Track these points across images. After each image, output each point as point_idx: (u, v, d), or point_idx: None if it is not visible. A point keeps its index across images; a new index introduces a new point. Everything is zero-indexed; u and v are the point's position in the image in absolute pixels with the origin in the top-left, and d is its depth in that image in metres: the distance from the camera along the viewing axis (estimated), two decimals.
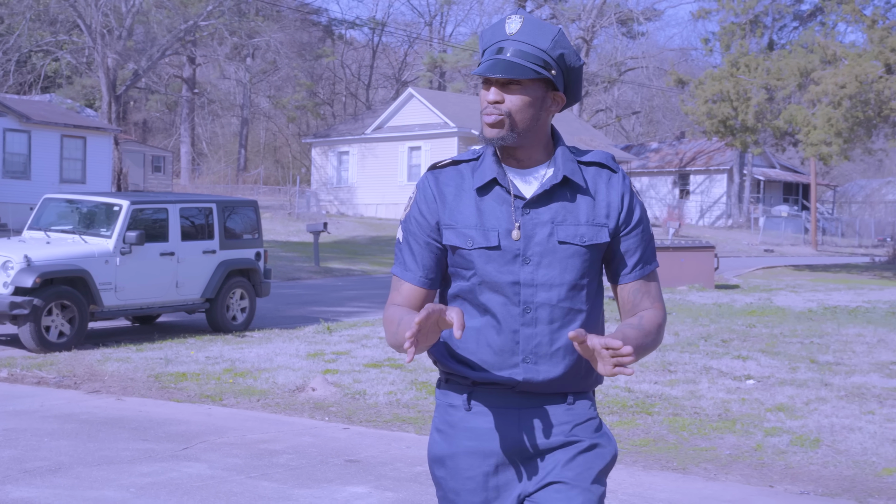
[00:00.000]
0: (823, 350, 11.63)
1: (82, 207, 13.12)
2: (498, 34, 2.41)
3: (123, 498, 5.48)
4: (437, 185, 2.46)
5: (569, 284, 2.40)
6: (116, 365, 10.19)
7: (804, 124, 24.89)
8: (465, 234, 2.40)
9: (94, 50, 43.99)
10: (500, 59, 2.37)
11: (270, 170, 66.49)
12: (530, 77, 2.36)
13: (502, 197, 2.41)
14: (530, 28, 2.39)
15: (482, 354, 2.42)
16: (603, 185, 2.46)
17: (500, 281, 2.38)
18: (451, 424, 2.47)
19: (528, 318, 2.40)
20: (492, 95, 2.38)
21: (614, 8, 57.58)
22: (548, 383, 2.42)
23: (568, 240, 2.39)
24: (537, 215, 2.39)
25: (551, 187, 2.40)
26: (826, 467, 6.67)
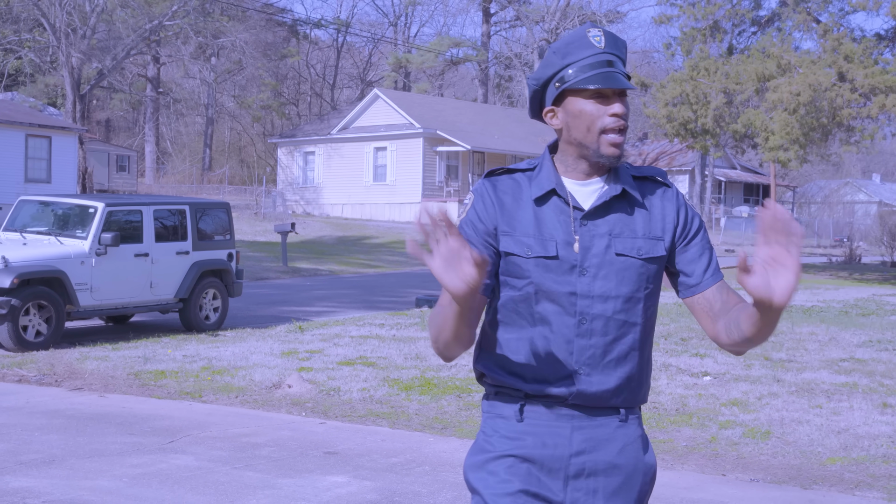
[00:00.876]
0: (777, 348, 12.13)
1: (57, 209, 13.36)
2: (587, 47, 2.39)
3: (117, 487, 5.82)
4: (496, 191, 2.45)
5: (625, 297, 2.39)
6: (96, 363, 10.48)
7: (762, 129, 25.52)
8: (522, 241, 2.39)
9: (59, 49, 43.93)
10: (615, 72, 2.37)
11: (235, 169, 66.49)
12: (634, 89, 2.42)
13: (560, 208, 2.40)
14: (613, 40, 2.42)
15: (535, 365, 2.40)
16: (658, 199, 2.46)
17: (557, 291, 2.37)
18: (501, 433, 2.44)
19: (584, 329, 2.38)
20: (618, 108, 2.38)
21: (578, 10, 58.20)
22: (600, 395, 2.40)
23: (625, 252, 2.38)
24: (595, 227, 2.39)
25: (610, 199, 2.40)
26: (775, 457, 7.12)
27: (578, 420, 2.40)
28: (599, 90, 2.35)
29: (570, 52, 2.39)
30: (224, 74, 62.56)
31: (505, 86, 69.49)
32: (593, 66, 2.35)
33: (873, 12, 25.99)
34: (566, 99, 2.40)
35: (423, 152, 44.33)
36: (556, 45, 2.42)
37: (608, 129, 2.36)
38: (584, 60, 2.36)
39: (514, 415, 2.42)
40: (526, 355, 2.40)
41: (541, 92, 2.45)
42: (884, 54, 27.21)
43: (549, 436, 2.40)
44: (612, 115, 2.35)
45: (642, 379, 2.46)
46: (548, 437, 2.40)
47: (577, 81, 2.35)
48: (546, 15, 58.19)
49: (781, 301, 2.08)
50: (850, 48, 24.72)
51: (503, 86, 69.57)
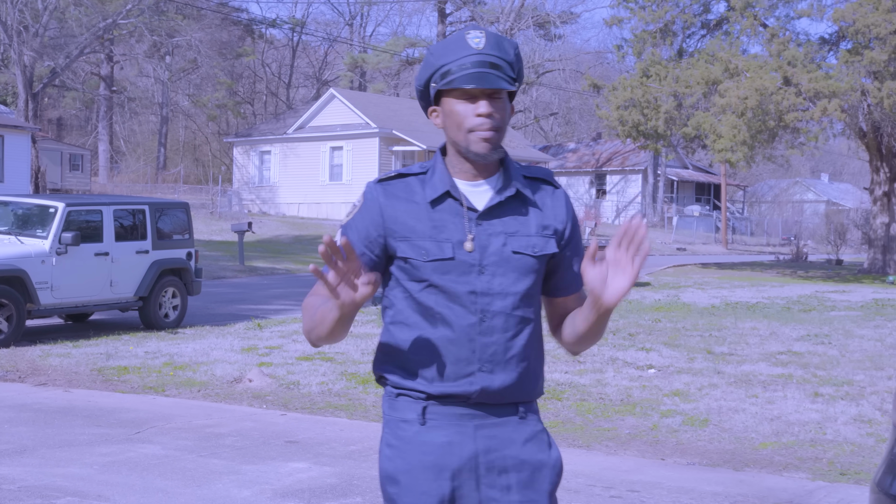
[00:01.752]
0: (720, 342, 12.63)
1: (17, 209, 13.54)
2: (463, 49, 2.41)
3: (89, 474, 6.11)
4: (386, 196, 2.46)
5: (521, 293, 2.44)
6: (58, 360, 10.71)
7: (711, 131, 26.14)
8: (419, 245, 2.41)
9: (10, 47, 43.65)
10: (486, 72, 2.39)
11: (190, 168, 66.30)
12: (510, 89, 2.42)
13: (455, 209, 2.43)
14: (496, 41, 2.43)
15: (438, 366, 2.42)
16: (548, 199, 2.52)
17: (457, 291, 2.41)
18: (405, 440, 2.44)
19: (485, 326, 2.41)
20: (484, 108, 2.38)
21: (532, 11, 58.76)
22: (503, 392, 2.43)
23: (521, 250, 2.44)
24: (490, 226, 2.43)
25: (505, 199, 2.46)
26: (711, 443, 7.56)
27: (481, 419, 2.43)
28: (469, 90, 2.38)
29: (446, 53, 2.42)
30: (179, 73, 62.37)
31: None
32: (463, 67, 2.39)
33: (817, 17, 26.68)
34: (442, 99, 2.45)
35: (379, 152, 44.63)
36: (434, 46, 2.46)
37: (475, 128, 2.39)
38: (457, 61, 2.40)
39: (417, 418, 2.43)
40: (429, 356, 2.42)
41: (425, 93, 2.50)
42: (827, 59, 27.98)
43: (455, 437, 2.42)
44: (479, 115, 2.38)
45: (539, 373, 2.52)
46: (453, 438, 2.42)
47: (445, 82, 2.40)
48: (501, 15, 58.72)
49: (610, 300, 2.26)
50: (794, 53, 25.42)
51: None
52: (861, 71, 25.26)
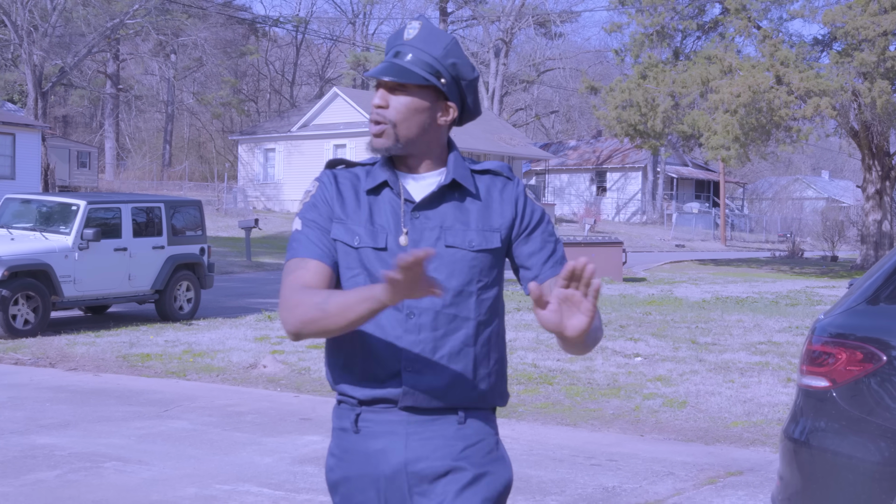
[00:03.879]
0: (705, 333, 13.37)
1: (41, 207, 14.30)
2: (397, 39, 2.38)
3: (127, 443, 6.87)
4: (336, 182, 2.42)
5: (454, 290, 2.32)
6: (84, 348, 11.47)
7: (706, 129, 26.87)
8: (353, 230, 2.35)
9: (20, 47, 44.42)
10: (390, 63, 2.34)
11: (195, 165, 67.05)
12: (417, 82, 2.31)
13: (392, 200, 2.37)
14: (425, 34, 2.35)
15: (363, 364, 2.32)
16: (497, 192, 2.42)
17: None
18: (344, 449, 2.37)
19: (412, 324, 2.30)
20: (377, 99, 2.34)
21: (532, 10, 59.44)
22: (431, 394, 2.31)
23: (456, 244, 2.34)
24: (426, 219, 2.35)
25: (440, 190, 2.37)
26: (688, 422, 8.30)
27: (414, 425, 2.32)
28: (376, 80, 2.37)
29: (388, 42, 2.42)
30: (184, 71, 63.07)
31: None
32: (385, 57, 2.39)
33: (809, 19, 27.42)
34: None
35: None
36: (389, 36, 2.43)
37: (370, 121, 2.37)
38: (388, 52, 2.40)
39: (352, 426, 2.35)
40: (357, 355, 2.34)
41: None
42: (820, 59, 28.71)
43: (388, 444, 2.32)
44: (372, 105, 2.37)
45: (482, 378, 2.37)
46: (386, 445, 2.32)
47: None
48: (502, 14, 59.40)
49: (572, 335, 2.12)
50: (786, 54, 26.15)
51: None
52: (851, 72, 25.99)
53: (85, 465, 6.29)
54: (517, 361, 10.71)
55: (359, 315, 2.16)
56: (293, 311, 2.25)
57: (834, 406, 3.56)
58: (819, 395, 3.64)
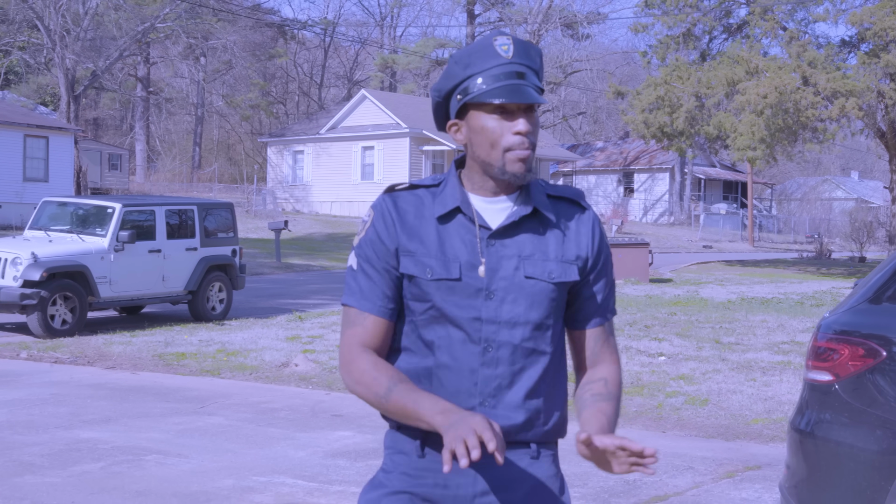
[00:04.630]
0: (729, 333, 13.53)
1: (78, 209, 14.67)
2: (492, 57, 2.21)
3: (166, 438, 7.17)
4: (396, 208, 2.28)
5: (534, 323, 2.24)
6: (121, 347, 11.80)
7: (731, 130, 26.98)
8: (423, 262, 2.23)
9: (53, 51, 45.08)
10: (521, 84, 2.19)
11: (224, 167, 67.64)
12: (544, 102, 2.24)
13: (466, 226, 2.24)
14: (524, 49, 2.24)
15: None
16: (574, 222, 2.31)
17: (460, 316, 2.21)
18: (401, 466, 2.28)
19: (489, 357, 2.22)
20: (523, 125, 2.19)
21: (559, 12, 59.61)
22: (507, 430, 2.22)
23: (535, 275, 2.24)
24: (503, 247, 2.24)
25: (520, 219, 2.25)
26: (709, 419, 8.50)
27: (485, 458, 2.22)
28: (503, 105, 2.20)
29: (473, 61, 2.22)
30: (213, 74, 63.66)
31: None
32: (497, 78, 2.20)
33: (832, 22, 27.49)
34: (468, 113, 2.25)
35: (409, 151, 45.69)
36: (458, 55, 2.26)
37: (512, 147, 2.21)
38: (489, 71, 2.20)
39: (416, 450, 2.25)
40: (427, 385, 2.24)
41: (444, 104, 2.30)
42: (847, 60, 28.73)
43: (452, 474, 2.23)
44: (517, 133, 2.20)
45: (554, 411, 2.31)
46: (450, 475, 2.24)
47: (478, 94, 2.19)
48: (528, 16, 59.61)
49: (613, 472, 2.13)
50: (813, 55, 26.22)
51: None
52: (878, 72, 26.01)
53: (127, 457, 6.59)
54: None
55: (412, 423, 2.16)
56: (354, 383, 2.23)
57: (837, 399, 3.78)
58: (823, 388, 3.86)
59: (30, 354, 11.33)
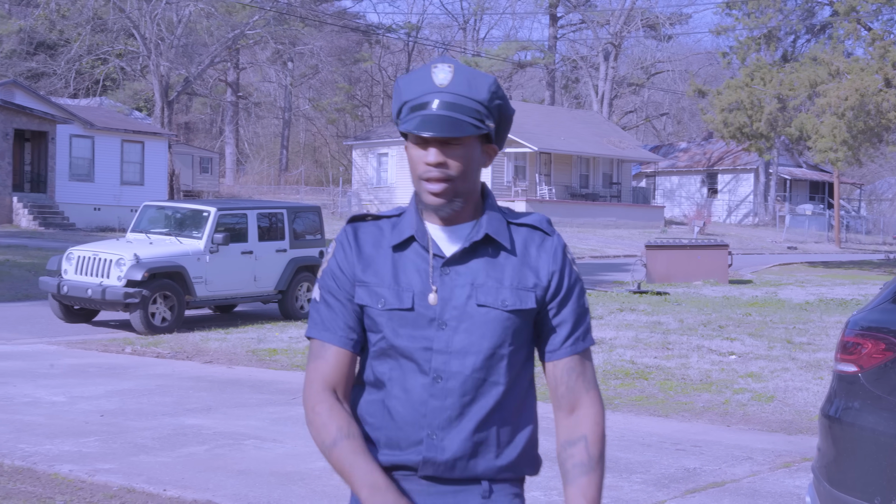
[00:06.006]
0: (802, 333, 13.79)
1: (176, 213, 15.51)
2: (425, 85, 2.16)
3: (263, 425, 7.82)
4: (356, 238, 2.26)
5: (486, 353, 2.18)
6: (217, 343, 12.56)
7: (813, 132, 26.97)
8: (377, 292, 2.20)
9: (148, 58, 46.71)
10: (438, 115, 2.12)
11: (310, 170, 69.00)
12: (471, 134, 2.14)
13: (420, 255, 2.22)
14: (465, 78, 2.16)
15: (386, 429, 2.20)
16: (534, 248, 2.25)
17: (411, 346, 2.18)
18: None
19: (438, 388, 2.16)
20: (433, 156, 2.14)
21: (642, 13, 59.58)
22: (454, 464, 2.17)
23: (488, 303, 2.19)
24: (457, 276, 2.19)
25: (471, 245, 2.21)
26: (773, 415, 8.88)
27: (434, 496, 2.20)
28: (420, 136, 2.15)
29: (410, 88, 2.19)
30: (300, 78, 65.05)
31: (572, 87, 71.10)
32: (420, 108, 2.16)
33: None
34: (406, 139, 2.23)
35: None
36: (400, 79, 2.23)
37: (424, 177, 2.18)
38: (416, 99, 2.17)
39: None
40: (379, 419, 2.21)
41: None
42: None
43: None
44: (427, 164, 2.16)
45: (510, 445, 2.23)
46: None
47: (403, 123, 2.18)
48: (611, 18, 59.69)
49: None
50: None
51: (570, 87, 71.20)
52: None
53: (228, 441, 7.25)
54: (616, 358, 11.38)
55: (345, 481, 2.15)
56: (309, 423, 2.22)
57: (861, 388, 4.22)
58: (849, 378, 4.30)
59: (134, 350, 12.14)
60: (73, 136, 35.46)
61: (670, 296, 19.49)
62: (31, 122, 32.60)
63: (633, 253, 33.17)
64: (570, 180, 49.31)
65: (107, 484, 6.13)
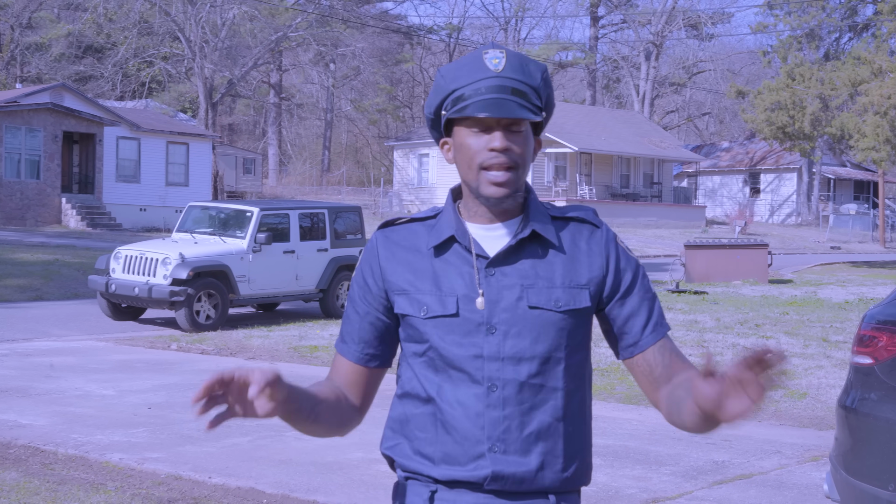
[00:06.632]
0: (838, 332, 13.83)
1: (220, 213, 15.86)
2: (479, 71, 2.06)
3: None
4: (388, 245, 2.17)
5: (541, 357, 2.07)
6: (259, 340, 12.86)
7: (855, 131, 26.87)
8: (418, 300, 2.10)
9: (193, 61, 47.39)
10: (504, 98, 2.03)
11: (352, 170, 69.50)
12: (532, 119, 2.05)
13: (462, 257, 2.10)
14: (519, 63, 2.07)
15: (441, 444, 2.08)
16: (583, 242, 2.14)
17: (460, 354, 2.06)
18: None
19: (494, 398, 2.05)
20: (499, 141, 2.03)
21: (683, 12, 59.41)
22: (521, 477, 2.06)
23: (540, 305, 2.07)
24: (503, 276, 2.07)
25: (518, 243, 2.09)
26: (805, 411, 9.00)
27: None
28: (483, 120, 2.05)
29: (459, 75, 2.08)
30: (342, 80, 65.57)
31: (613, 87, 71.03)
32: (479, 92, 2.05)
33: None
34: (453, 129, 2.12)
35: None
36: (446, 68, 2.13)
37: (487, 165, 2.06)
38: (472, 85, 2.06)
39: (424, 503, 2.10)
40: (432, 433, 2.09)
41: (436, 122, 2.15)
42: None
43: None
44: (492, 150, 2.04)
45: (574, 455, 2.12)
46: None
47: (456, 109, 2.06)
48: (652, 17, 59.57)
49: (726, 421, 1.87)
50: None
51: (611, 87, 71.12)
52: None
53: (270, 433, 7.51)
54: None
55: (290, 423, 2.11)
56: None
57: (876, 379, 4.38)
58: (865, 370, 4.47)
59: (179, 346, 12.47)
60: (119, 138, 36.08)
61: (708, 295, 19.56)
62: (80, 124, 33.24)
63: (673, 253, 33.16)
64: (611, 180, 49.30)
65: (155, 472, 6.41)
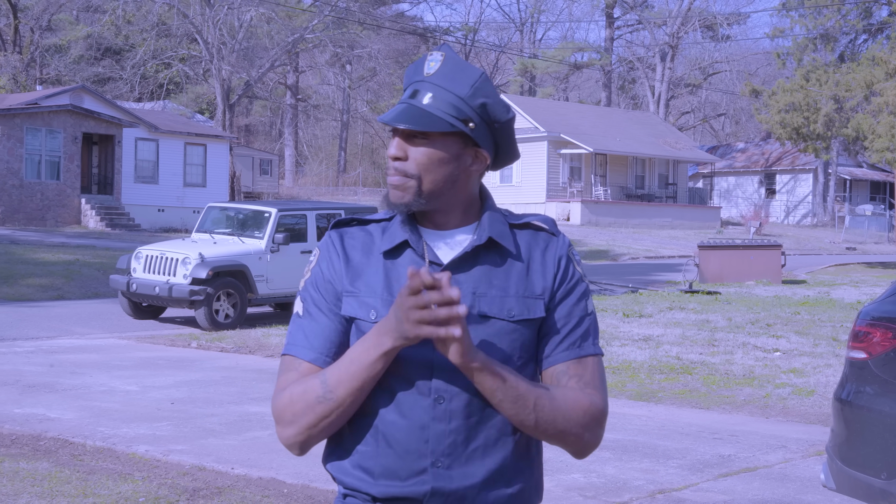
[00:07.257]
0: (848, 332, 13.97)
1: (238, 214, 16.12)
2: (415, 74, 2.04)
3: None
4: (343, 244, 2.08)
5: None
6: (278, 339, 13.10)
7: (869, 132, 26.96)
8: (367, 303, 2.01)
9: (211, 62, 47.76)
10: (407, 106, 1.99)
11: (368, 171, 69.81)
12: (441, 130, 1.98)
13: (415, 262, 2.02)
14: (449, 69, 2.01)
15: (383, 458, 1.98)
16: (539, 251, 2.08)
17: (408, 364, 1.96)
18: None
19: (441, 410, 1.96)
20: (393, 149, 2.01)
21: (699, 13, 59.47)
22: (464, 494, 1.98)
23: (493, 314, 2.00)
24: (456, 284, 1.98)
25: (473, 250, 2.02)
26: (812, 408, 9.18)
27: None
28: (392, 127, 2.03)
29: (406, 75, 2.08)
30: (358, 81, 65.91)
31: (628, 88, 71.11)
32: (402, 97, 2.04)
33: None
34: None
35: (547, 155, 46.54)
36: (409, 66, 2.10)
37: (386, 170, 2.05)
38: (406, 88, 2.06)
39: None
40: (373, 446, 1.99)
41: None
42: None
43: None
44: (388, 156, 2.04)
45: (522, 472, 2.04)
46: None
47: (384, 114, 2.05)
48: (668, 18, 59.66)
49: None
50: None
51: (626, 88, 71.21)
52: None
53: None
54: (662, 354, 11.72)
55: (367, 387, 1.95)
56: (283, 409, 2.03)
57: (870, 373, 4.58)
58: (859, 364, 4.67)
59: (199, 344, 12.73)
60: (138, 140, 36.44)
61: (721, 295, 19.71)
62: (99, 125, 33.60)
63: (687, 253, 33.29)
64: (626, 181, 49.43)
65: (180, 463, 6.66)
